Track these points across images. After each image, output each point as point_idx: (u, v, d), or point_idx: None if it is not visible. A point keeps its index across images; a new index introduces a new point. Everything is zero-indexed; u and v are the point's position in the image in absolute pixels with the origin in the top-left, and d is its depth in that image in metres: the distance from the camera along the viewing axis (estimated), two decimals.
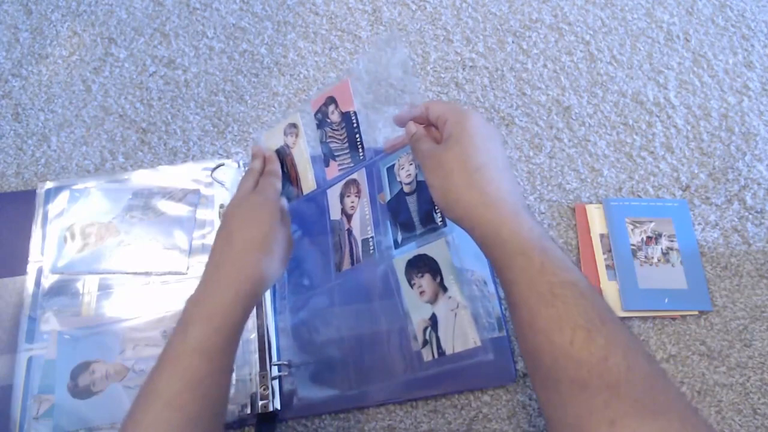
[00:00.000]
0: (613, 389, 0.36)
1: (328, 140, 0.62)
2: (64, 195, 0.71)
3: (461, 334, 0.52)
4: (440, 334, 0.53)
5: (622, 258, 0.69)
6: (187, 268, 0.68)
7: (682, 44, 0.85)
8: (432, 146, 0.50)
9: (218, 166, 0.71)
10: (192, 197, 0.72)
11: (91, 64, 0.82)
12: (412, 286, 0.55)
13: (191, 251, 0.69)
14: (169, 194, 0.72)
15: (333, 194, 0.62)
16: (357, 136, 0.60)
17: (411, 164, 0.56)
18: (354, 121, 0.61)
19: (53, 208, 0.71)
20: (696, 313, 0.67)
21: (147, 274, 0.67)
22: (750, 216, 0.73)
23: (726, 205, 0.73)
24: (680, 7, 0.88)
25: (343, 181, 0.61)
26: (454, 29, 0.85)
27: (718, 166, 0.76)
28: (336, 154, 0.62)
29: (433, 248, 0.54)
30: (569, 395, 0.38)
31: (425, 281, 0.54)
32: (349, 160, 0.61)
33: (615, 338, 0.38)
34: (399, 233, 0.57)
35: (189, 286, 0.66)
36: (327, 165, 0.62)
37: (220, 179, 0.72)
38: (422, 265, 0.55)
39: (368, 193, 0.59)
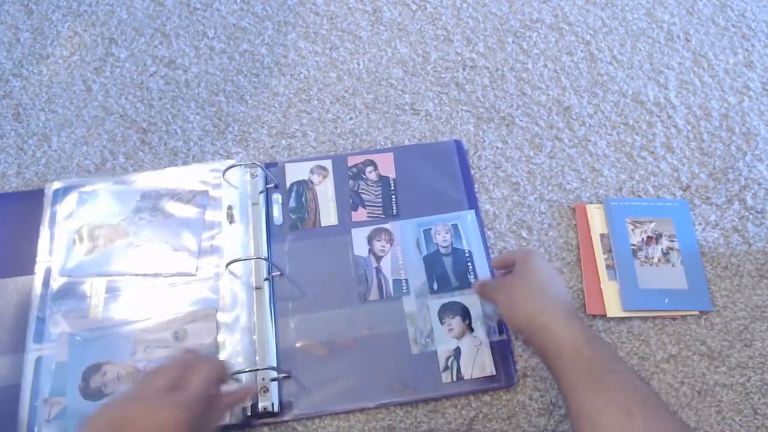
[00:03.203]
0: None
1: (361, 191, 0.73)
2: (73, 197, 0.71)
3: (480, 365, 0.63)
4: (461, 362, 0.63)
5: (622, 258, 0.69)
6: (196, 270, 0.68)
7: (682, 44, 0.85)
8: (496, 280, 0.61)
9: (230, 167, 0.71)
10: (200, 199, 0.72)
11: (91, 64, 0.82)
12: (442, 323, 0.65)
13: (200, 253, 0.69)
14: (177, 196, 0.72)
15: (359, 234, 0.70)
16: (393, 197, 0.72)
17: (447, 232, 0.70)
18: (392, 185, 0.73)
19: (61, 209, 0.70)
20: (696, 313, 0.67)
21: (156, 275, 0.67)
22: (750, 216, 0.73)
23: (726, 205, 0.73)
24: (681, 7, 0.88)
25: (373, 227, 0.70)
26: (455, 29, 0.85)
27: (719, 166, 0.76)
28: (367, 204, 0.72)
29: (466, 298, 0.66)
30: None
31: (455, 322, 0.65)
32: (381, 212, 0.71)
33: (654, 417, 0.44)
34: (435, 283, 0.67)
35: (197, 287, 0.67)
36: (355, 210, 0.72)
37: (230, 181, 0.72)
38: (455, 309, 0.66)
39: (402, 244, 0.69)
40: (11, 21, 0.85)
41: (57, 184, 0.72)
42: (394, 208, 0.72)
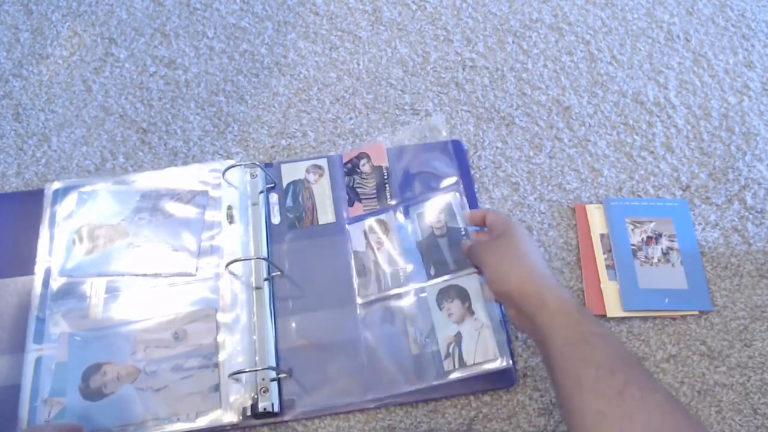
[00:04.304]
0: (628, 417, 0.44)
1: (356, 186, 0.72)
2: (72, 197, 0.71)
3: (482, 348, 0.61)
4: (463, 348, 0.61)
5: (622, 258, 0.69)
6: (196, 270, 0.68)
7: (682, 44, 0.85)
8: (482, 243, 0.61)
9: (230, 167, 0.71)
10: (200, 199, 0.72)
11: (91, 65, 0.82)
12: (441, 309, 0.64)
13: (200, 253, 0.69)
14: (177, 196, 0.72)
15: (356, 229, 0.70)
16: (386, 185, 0.72)
17: (441, 213, 0.68)
18: (385, 174, 0.73)
19: (61, 209, 0.70)
20: (696, 313, 0.67)
21: (156, 275, 0.67)
22: (750, 216, 0.73)
23: (726, 205, 0.73)
24: (680, 7, 0.88)
25: (370, 220, 0.70)
26: (455, 29, 0.85)
27: (719, 165, 0.76)
28: (362, 197, 0.72)
29: (465, 280, 0.64)
30: (592, 424, 0.45)
31: (455, 306, 0.63)
32: (376, 203, 0.71)
33: (633, 375, 0.46)
34: (432, 268, 0.66)
35: (197, 287, 0.67)
36: (351, 205, 0.72)
37: (230, 181, 0.71)
38: (453, 293, 0.64)
39: (398, 233, 0.69)
40: (11, 21, 0.85)
41: (57, 184, 0.72)
42: (389, 196, 0.72)
